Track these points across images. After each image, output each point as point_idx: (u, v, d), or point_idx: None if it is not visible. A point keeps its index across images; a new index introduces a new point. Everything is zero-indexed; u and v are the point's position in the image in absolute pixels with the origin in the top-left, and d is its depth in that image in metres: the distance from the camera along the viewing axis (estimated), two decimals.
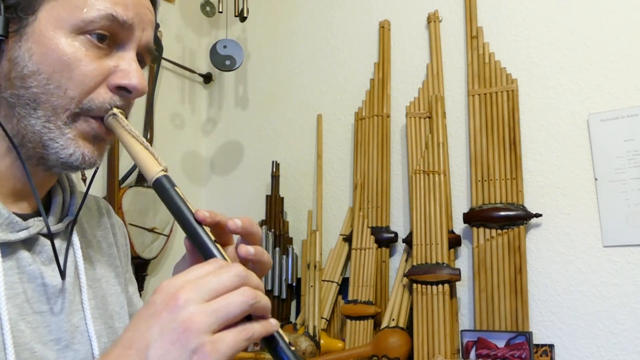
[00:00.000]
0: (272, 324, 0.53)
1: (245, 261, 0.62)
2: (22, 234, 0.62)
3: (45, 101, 0.60)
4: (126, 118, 0.64)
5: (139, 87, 0.64)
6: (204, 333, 0.48)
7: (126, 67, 0.63)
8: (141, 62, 0.67)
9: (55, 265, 0.65)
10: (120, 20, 0.62)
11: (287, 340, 0.55)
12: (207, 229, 0.58)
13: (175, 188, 0.60)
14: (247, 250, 0.60)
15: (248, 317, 0.52)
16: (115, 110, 0.63)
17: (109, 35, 0.62)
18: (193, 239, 0.58)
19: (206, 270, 0.52)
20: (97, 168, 0.69)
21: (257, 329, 0.52)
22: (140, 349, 0.49)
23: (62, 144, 0.62)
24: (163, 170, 0.60)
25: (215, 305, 0.50)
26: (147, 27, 0.66)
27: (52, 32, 0.60)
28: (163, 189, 0.59)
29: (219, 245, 0.57)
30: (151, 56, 0.69)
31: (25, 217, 0.64)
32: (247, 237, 0.61)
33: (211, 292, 0.50)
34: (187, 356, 0.47)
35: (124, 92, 0.64)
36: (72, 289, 0.67)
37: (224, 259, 0.56)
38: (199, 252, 0.58)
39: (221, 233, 0.61)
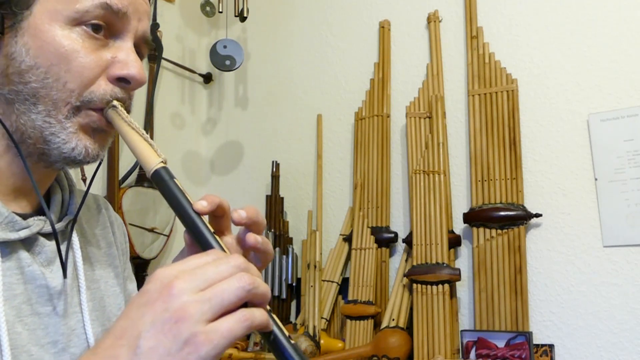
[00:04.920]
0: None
1: (246, 252, 0.61)
2: (23, 233, 0.61)
3: (44, 95, 0.60)
4: (127, 111, 0.64)
5: (137, 77, 0.63)
6: (197, 323, 0.46)
7: (124, 57, 0.63)
8: (139, 53, 0.66)
9: (53, 267, 0.64)
10: (115, 8, 0.61)
11: (287, 333, 0.53)
12: (206, 221, 0.57)
13: (174, 180, 0.59)
14: (256, 238, 0.59)
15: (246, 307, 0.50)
16: (115, 102, 0.62)
17: (104, 26, 0.62)
18: (192, 231, 0.57)
19: (204, 261, 0.51)
20: (99, 165, 0.69)
21: (258, 316, 0.49)
22: (131, 338, 0.47)
23: (63, 138, 0.61)
24: (162, 161, 0.59)
25: (209, 293, 0.48)
26: (143, 17, 0.66)
27: (47, 25, 0.60)
28: (161, 180, 0.59)
29: (218, 238, 0.57)
30: (148, 47, 0.69)
31: (24, 217, 0.63)
32: (252, 227, 0.60)
33: (207, 282, 0.48)
34: (179, 347, 0.46)
35: (124, 83, 0.64)
36: (70, 291, 0.66)
37: (223, 251, 0.55)
38: (197, 245, 0.57)
39: (222, 217, 0.61)
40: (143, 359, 0.46)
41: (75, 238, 0.69)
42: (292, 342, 0.53)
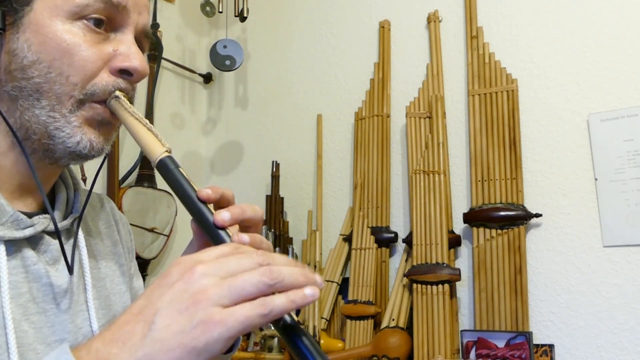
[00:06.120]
0: (305, 295, 0.50)
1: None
2: (28, 232, 0.61)
3: (48, 90, 0.60)
4: (130, 102, 0.64)
5: (140, 68, 0.64)
6: (214, 305, 0.47)
7: (126, 50, 0.64)
8: (140, 47, 0.67)
9: (59, 265, 0.65)
10: (115, 2, 0.62)
11: (304, 328, 0.52)
12: (212, 208, 0.58)
13: (180, 168, 0.59)
14: (241, 238, 0.57)
15: None
16: (117, 92, 0.63)
17: (105, 20, 0.62)
18: (198, 219, 0.57)
19: (228, 252, 0.52)
20: (103, 162, 0.69)
21: (278, 304, 0.49)
22: (148, 315, 0.48)
23: (68, 132, 0.61)
24: (167, 151, 0.60)
25: (230, 281, 0.48)
26: (142, 11, 0.66)
27: (48, 20, 0.60)
28: (167, 169, 0.59)
29: None
30: (149, 40, 0.69)
31: (30, 215, 0.63)
32: (243, 224, 0.60)
33: (230, 271, 0.49)
34: (192, 326, 0.46)
35: (126, 75, 0.64)
36: (76, 289, 0.66)
37: (229, 238, 0.56)
38: (204, 233, 0.58)
39: (225, 207, 0.61)
40: (156, 335, 0.47)
41: (81, 236, 0.69)
42: (312, 338, 0.52)
